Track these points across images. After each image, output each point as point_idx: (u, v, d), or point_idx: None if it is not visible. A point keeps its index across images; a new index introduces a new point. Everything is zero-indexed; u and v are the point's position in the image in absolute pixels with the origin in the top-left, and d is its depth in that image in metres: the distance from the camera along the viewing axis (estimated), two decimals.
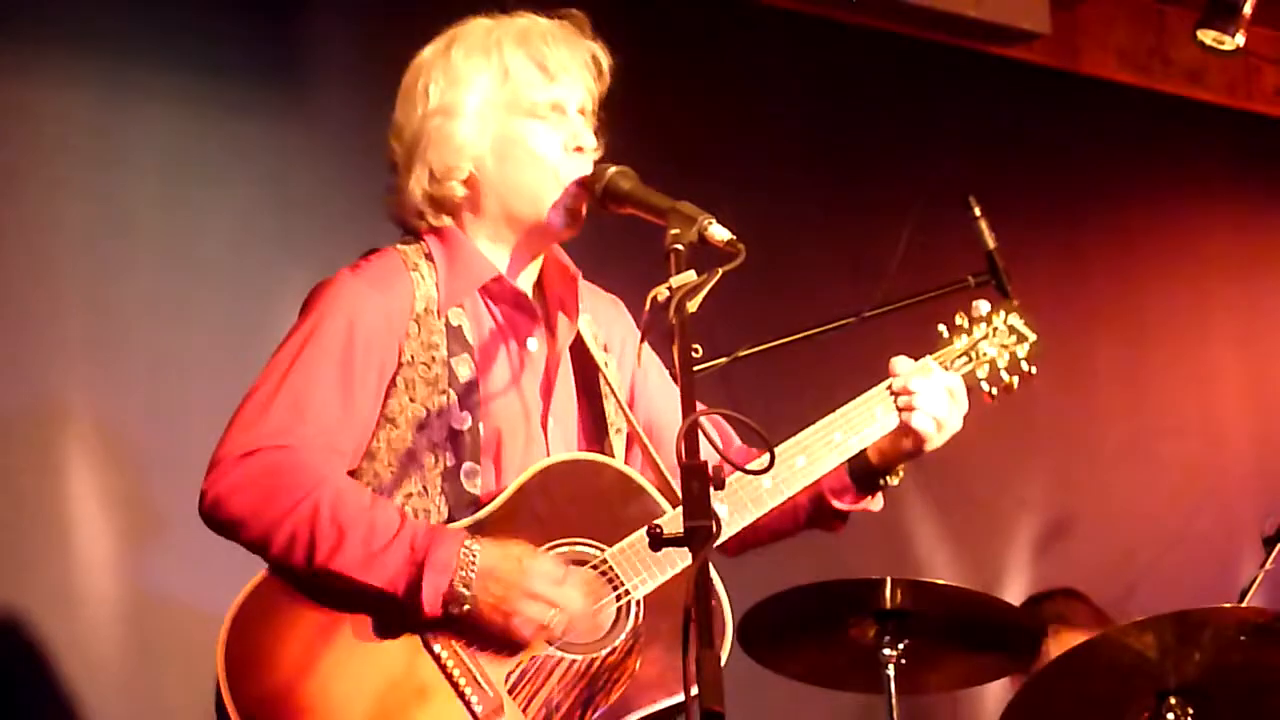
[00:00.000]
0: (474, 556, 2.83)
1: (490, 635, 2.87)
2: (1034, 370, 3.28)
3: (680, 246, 2.72)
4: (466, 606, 2.83)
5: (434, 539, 2.84)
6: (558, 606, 2.86)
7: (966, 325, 3.26)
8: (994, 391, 3.24)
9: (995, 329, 3.27)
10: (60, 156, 4.56)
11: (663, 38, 5.36)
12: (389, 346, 2.99)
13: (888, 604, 4.13)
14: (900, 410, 3.10)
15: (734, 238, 2.75)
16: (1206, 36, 5.87)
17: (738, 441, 3.26)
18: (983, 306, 3.27)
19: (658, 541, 2.54)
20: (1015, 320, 3.29)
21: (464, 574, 2.82)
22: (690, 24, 5.58)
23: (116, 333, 4.56)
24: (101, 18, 4.64)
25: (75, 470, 4.47)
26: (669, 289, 2.66)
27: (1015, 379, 3.26)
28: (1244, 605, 4.76)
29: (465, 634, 2.87)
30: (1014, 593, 5.51)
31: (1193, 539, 6.09)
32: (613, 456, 3.14)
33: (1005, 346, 3.27)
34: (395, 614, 2.85)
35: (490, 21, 3.13)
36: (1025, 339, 3.29)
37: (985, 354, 3.25)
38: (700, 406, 2.52)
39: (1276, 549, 5.07)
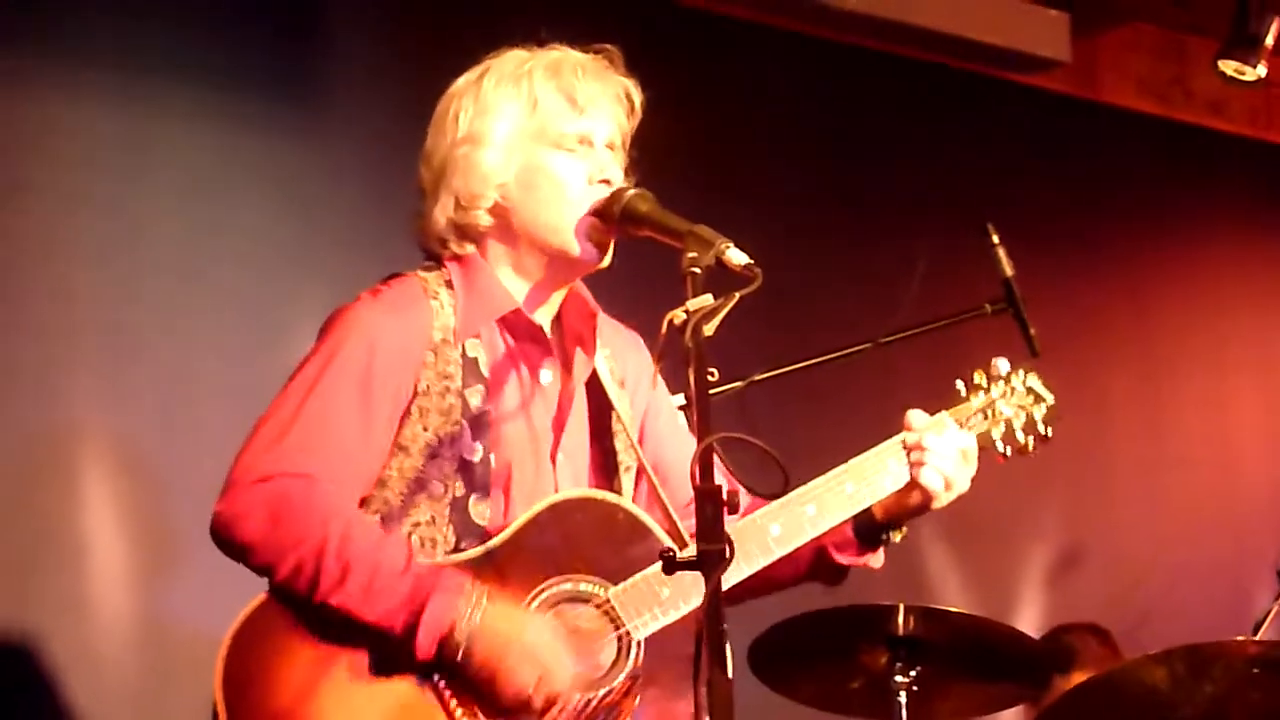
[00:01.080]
0: (480, 612, 2.83)
1: (475, 686, 2.86)
2: (1050, 433, 3.25)
3: (698, 270, 2.69)
4: (460, 657, 2.82)
5: (436, 585, 2.83)
6: (545, 690, 2.85)
7: (984, 384, 3.24)
8: (1008, 452, 3.22)
9: (1013, 389, 3.26)
10: (80, 170, 4.58)
11: (684, 63, 5.36)
12: (406, 375, 2.98)
13: (900, 631, 4.11)
14: (911, 465, 3.09)
15: (751, 262, 2.73)
16: (1228, 67, 5.91)
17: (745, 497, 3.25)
18: (1002, 366, 3.25)
19: (670, 565, 2.53)
20: (1034, 381, 3.28)
21: (466, 624, 2.82)
22: (712, 49, 5.60)
23: (132, 350, 4.58)
24: (122, 34, 4.67)
25: (90, 486, 4.49)
26: (686, 312, 2.63)
27: (1031, 440, 3.24)
28: (1258, 637, 4.79)
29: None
30: (1027, 620, 5.52)
31: (1206, 569, 6.10)
32: (621, 494, 3.12)
33: (1023, 407, 3.25)
34: (395, 647, 2.84)
35: (524, 53, 3.12)
36: (1043, 400, 3.27)
37: (1002, 414, 3.24)
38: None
39: None
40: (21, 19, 4.55)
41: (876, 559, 3.18)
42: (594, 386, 3.16)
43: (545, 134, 3.05)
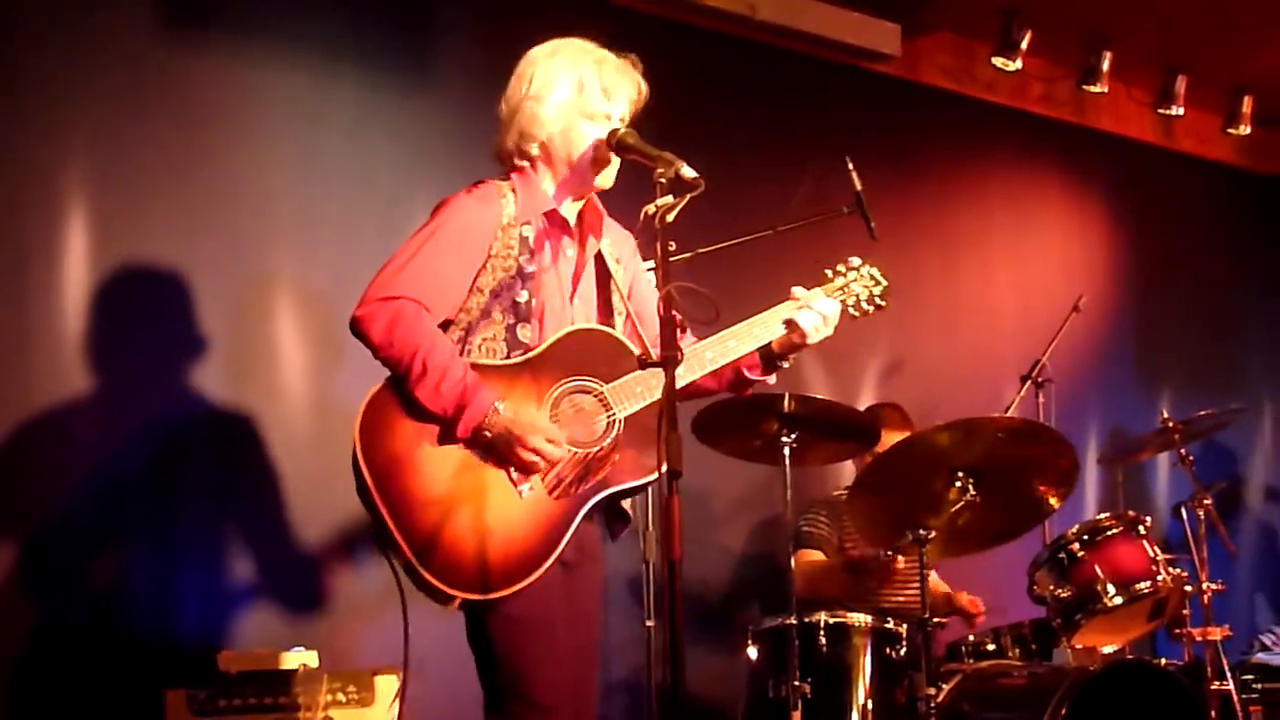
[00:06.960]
0: (498, 412, 2.80)
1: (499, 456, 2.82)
2: (885, 304, 3.24)
3: (664, 180, 2.67)
4: (487, 435, 2.80)
5: (476, 394, 2.79)
6: (542, 454, 2.81)
7: (844, 270, 3.23)
8: (856, 314, 3.21)
9: (861, 274, 3.24)
10: (278, 116, 4.49)
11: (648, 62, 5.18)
12: (484, 243, 2.93)
13: (785, 409, 4.11)
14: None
15: (698, 175, 2.70)
16: (998, 61, 6.12)
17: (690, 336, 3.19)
18: (854, 261, 3.24)
19: (643, 364, 2.60)
20: (875, 270, 3.25)
21: (489, 420, 2.79)
22: (663, 47, 5.42)
23: (309, 224, 4.50)
24: (307, 24, 4.56)
25: (282, 313, 4.44)
26: (655, 207, 2.63)
27: (871, 308, 3.24)
28: (1005, 415, 4.84)
29: None
30: (864, 404, 5.51)
31: (976, 375, 6.10)
32: (614, 329, 3.07)
33: (867, 287, 3.23)
34: (449, 426, 2.80)
35: (584, 45, 3.04)
36: (880, 283, 3.25)
37: (854, 291, 3.21)
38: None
39: (1027, 384, 5.31)
40: (235, 18, 4.45)
41: (772, 379, 3.17)
42: (600, 261, 3.10)
43: (583, 108, 2.98)
